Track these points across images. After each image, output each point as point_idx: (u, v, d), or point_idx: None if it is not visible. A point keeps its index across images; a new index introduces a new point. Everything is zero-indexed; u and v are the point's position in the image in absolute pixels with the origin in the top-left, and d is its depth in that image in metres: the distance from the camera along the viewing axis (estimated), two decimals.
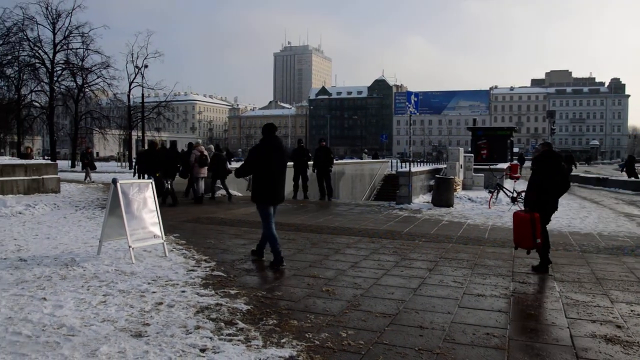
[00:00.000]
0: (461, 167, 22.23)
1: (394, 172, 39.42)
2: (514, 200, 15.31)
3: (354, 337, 4.57)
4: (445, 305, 5.62)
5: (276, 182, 7.47)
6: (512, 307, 5.60)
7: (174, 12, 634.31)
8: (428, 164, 37.85)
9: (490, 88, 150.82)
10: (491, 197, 16.06)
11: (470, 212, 14.23)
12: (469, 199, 17.25)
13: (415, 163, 21.15)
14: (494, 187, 16.99)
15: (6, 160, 20.80)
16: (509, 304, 5.73)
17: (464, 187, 21.91)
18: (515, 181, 18.06)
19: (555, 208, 7.72)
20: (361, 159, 58.22)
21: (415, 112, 16.89)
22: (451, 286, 6.44)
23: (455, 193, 16.85)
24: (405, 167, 20.71)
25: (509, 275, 7.06)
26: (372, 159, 51.25)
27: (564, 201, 17.59)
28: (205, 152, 16.86)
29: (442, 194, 15.63)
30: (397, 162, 48.65)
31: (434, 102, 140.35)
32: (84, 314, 5.02)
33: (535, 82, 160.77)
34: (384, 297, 5.89)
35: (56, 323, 4.76)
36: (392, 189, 25.36)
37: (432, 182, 19.27)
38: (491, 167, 24.08)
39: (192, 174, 16.79)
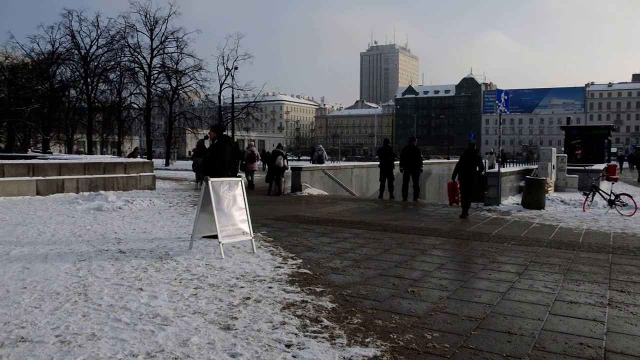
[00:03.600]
0: (553, 168, 21.33)
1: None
2: (611, 203, 14.40)
3: (439, 340, 4.49)
4: (535, 311, 5.39)
5: (226, 170, 9.44)
6: (609, 317, 5.28)
7: (263, 15, 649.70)
8: (518, 164, 36.54)
9: (585, 85, 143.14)
10: (586, 199, 15.23)
11: (563, 215, 13.59)
12: (562, 201, 16.49)
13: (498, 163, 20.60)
14: (589, 189, 16.07)
15: (108, 158, 22.15)
16: (605, 313, 5.41)
17: (556, 189, 21.00)
18: (612, 183, 16.99)
19: (472, 181, 13.52)
20: (448, 158, 56.71)
21: (506, 110, 16.33)
22: (542, 292, 6.18)
23: (546, 195, 16.17)
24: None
25: (605, 283, 6.67)
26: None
27: None
28: (256, 152, 21.68)
29: (532, 195, 15.05)
30: (485, 161, 47.06)
31: (524, 100, 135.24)
32: (176, 306, 5.25)
33: (637, 77, 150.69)
34: (470, 300, 5.75)
35: (151, 312, 5.01)
36: (480, 189, 24.71)
37: (522, 183, 18.60)
38: (586, 168, 22.87)
39: (246, 168, 21.42)
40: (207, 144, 10.11)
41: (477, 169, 13.48)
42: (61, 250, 7.94)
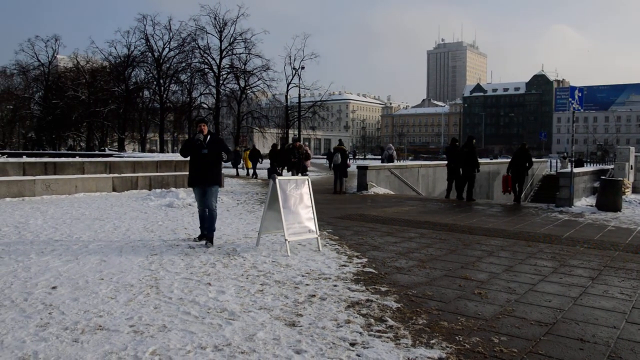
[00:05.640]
0: (631, 168, 20.31)
1: (553, 172, 37.11)
2: None
3: (507, 344, 4.38)
4: (610, 319, 5.15)
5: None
6: None
7: (330, 13, 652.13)
8: (592, 164, 35.08)
9: None
10: None
11: None
12: None
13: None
14: None
15: (179, 157, 22.85)
16: None
17: (635, 191, 19.99)
18: None
19: (523, 175, 16.73)
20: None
21: (580, 108, 15.66)
22: (617, 298, 5.89)
23: (623, 196, 15.40)
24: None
25: None
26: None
27: None
28: (309, 151, 23.09)
29: (608, 197, 14.37)
30: (557, 162, 45.28)
31: (599, 97, 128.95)
32: (243, 301, 5.37)
33: None
34: (540, 305, 5.56)
35: (219, 307, 5.15)
36: (551, 190, 23.93)
37: (596, 184, 17.84)
38: None
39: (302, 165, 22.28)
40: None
41: (527, 165, 16.62)
42: (135, 244, 8.29)
